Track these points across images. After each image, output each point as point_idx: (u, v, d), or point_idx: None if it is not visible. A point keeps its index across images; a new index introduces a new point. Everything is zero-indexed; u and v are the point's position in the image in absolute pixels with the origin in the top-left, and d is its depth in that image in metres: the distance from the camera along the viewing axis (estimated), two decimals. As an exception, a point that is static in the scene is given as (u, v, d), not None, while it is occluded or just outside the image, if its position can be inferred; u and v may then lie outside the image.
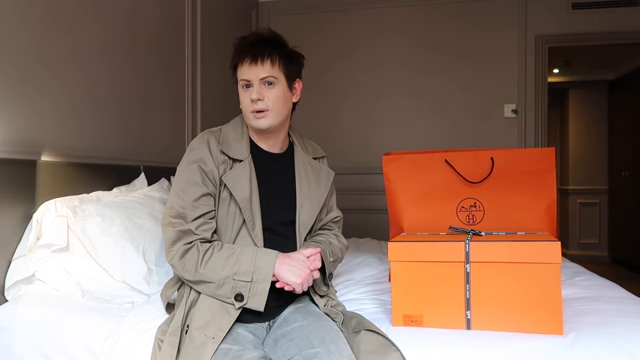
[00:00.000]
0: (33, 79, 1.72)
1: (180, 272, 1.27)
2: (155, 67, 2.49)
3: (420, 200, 1.69)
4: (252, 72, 1.32)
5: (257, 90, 1.32)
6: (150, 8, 2.44)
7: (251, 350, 1.19)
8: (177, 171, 1.35)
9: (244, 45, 1.35)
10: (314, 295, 1.40)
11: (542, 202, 1.63)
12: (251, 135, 1.41)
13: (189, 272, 1.25)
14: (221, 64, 3.22)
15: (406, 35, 3.75)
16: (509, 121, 3.61)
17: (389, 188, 1.74)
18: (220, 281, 1.23)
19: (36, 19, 1.73)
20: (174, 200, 1.30)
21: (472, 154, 1.68)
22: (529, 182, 1.64)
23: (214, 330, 1.20)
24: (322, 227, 1.53)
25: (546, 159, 1.63)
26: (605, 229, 5.81)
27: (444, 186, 1.68)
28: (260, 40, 1.34)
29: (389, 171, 1.73)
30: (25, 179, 1.65)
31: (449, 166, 1.67)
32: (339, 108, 3.82)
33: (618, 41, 3.63)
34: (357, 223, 3.62)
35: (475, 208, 1.66)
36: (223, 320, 1.22)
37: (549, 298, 1.25)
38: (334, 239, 1.49)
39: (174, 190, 1.32)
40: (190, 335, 1.21)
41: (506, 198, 1.64)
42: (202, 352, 1.16)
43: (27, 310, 1.46)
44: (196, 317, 1.24)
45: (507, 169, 1.64)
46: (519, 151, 1.68)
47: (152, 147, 2.45)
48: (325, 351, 1.14)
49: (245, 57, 1.33)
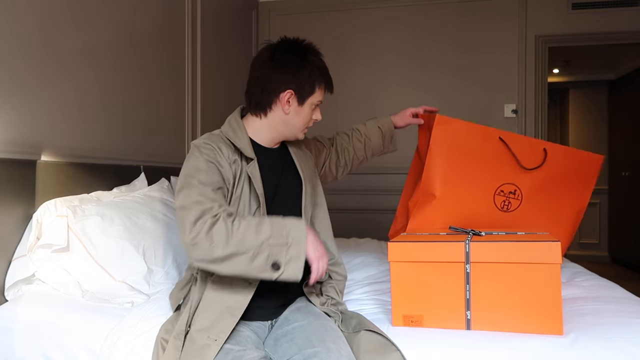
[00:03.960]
0: (33, 79, 1.72)
1: (208, 250, 1.14)
2: (155, 68, 2.49)
3: (461, 170, 1.63)
4: (322, 97, 1.42)
5: (320, 112, 1.44)
6: (150, 8, 2.44)
7: (252, 351, 1.19)
8: (189, 170, 1.28)
9: (326, 71, 1.42)
10: (309, 295, 1.40)
11: (575, 205, 1.63)
12: (250, 134, 1.42)
13: (219, 246, 1.14)
14: (221, 64, 3.22)
15: (406, 36, 3.75)
16: (509, 121, 3.60)
17: (432, 150, 1.62)
18: (255, 249, 1.15)
19: (37, 18, 1.73)
20: (193, 190, 1.22)
21: (526, 140, 1.64)
22: (571, 183, 1.63)
23: (217, 332, 1.19)
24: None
25: (593, 166, 1.62)
26: (605, 229, 5.81)
27: (492, 164, 1.62)
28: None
29: (437, 134, 1.63)
30: (25, 179, 1.65)
31: (502, 145, 1.60)
32: (338, 107, 3.82)
33: (618, 41, 3.63)
34: (357, 223, 3.62)
35: (513, 196, 1.63)
36: (226, 322, 1.22)
37: (549, 298, 1.25)
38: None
39: (191, 183, 1.24)
40: (191, 337, 1.21)
41: (546, 194, 1.62)
42: (205, 354, 1.16)
43: (27, 310, 1.46)
44: (199, 319, 1.23)
45: (556, 165, 1.61)
46: (570, 150, 1.66)
47: (152, 147, 2.45)
48: (324, 350, 1.14)
49: (329, 85, 1.43)
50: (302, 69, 1.34)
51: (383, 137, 1.77)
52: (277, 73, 1.33)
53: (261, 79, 1.35)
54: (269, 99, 1.36)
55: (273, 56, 1.35)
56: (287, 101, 1.35)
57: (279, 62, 1.34)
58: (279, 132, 1.41)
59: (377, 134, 1.77)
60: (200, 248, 1.15)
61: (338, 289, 1.46)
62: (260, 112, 1.38)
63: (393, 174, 3.63)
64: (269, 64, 1.34)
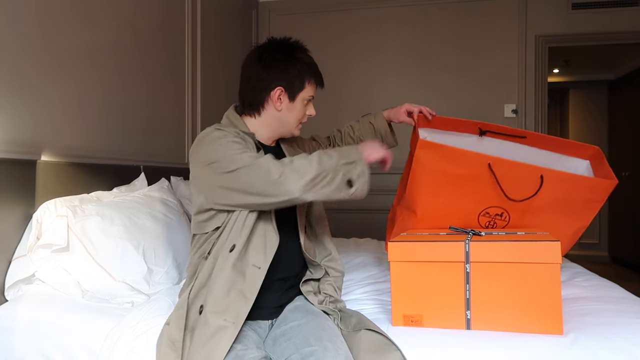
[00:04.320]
0: (33, 79, 1.72)
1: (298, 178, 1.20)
2: (156, 67, 2.49)
3: (444, 191, 1.55)
4: (313, 92, 1.45)
5: (313, 107, 1.46)
6: (150, 8, 2.44)
7: (253, 350, 1.19)
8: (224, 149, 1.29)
9: (315, 67, 1.43)
10: (307, 295, 1.40)
11: (572, 227, 1.53)
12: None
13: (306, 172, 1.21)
14: (221, 64, 3.22)
15: (406, 36, 3.75)
16: (509, 121, 3.60)
17: (415, 168, 1.55)
18: (334, 171, 1.23)
19: (38, 17, 1.73)
20: (245, 154, 1.26)
21: (521, 167, 1.50)
22: (570, 208, 1.51)
23: (233, 316, 1.21)
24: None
25: (601, 192, 1.49)
26: (605, 229, 5.81)
27: (478, 189, 1.52)
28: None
29: (421, 156, 1.53)
30: (25, 179, 1.65)
31: (490, 171, 1.49)
32: (338, 107, 3.82)
33: (618, 41, 3.63)
34: (357, 223, 3.62)
35: (500, 217, 1.55)
36: (240, 305, 1.23)
37: (549, 298, 1.25)
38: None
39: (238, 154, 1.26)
40: (205, 318, 1.21)
41: (538, 217, 1.52)
42: (222, 337, 1.17)
43: (27, 310, 1.46)
44: (211, 300, 1.24)
45: (554, 192, 1.48)
46: (575, 178, 1.50)
47: (152, 147, 2.45)
48: (321, 349, 1.14)
49: (319, 79, 1.45)
50: (290, 66, 1.38)
51: (375, 133, 1.76)
52: (266, 72, 1.37)
53: (252, 79, 1.39)
54: (260, 98, 1.40)
55: (261, 56, 1.39)
56: (279, 98, 1.38)
57: (267, 61, 1.37)
58: (274, 129, 1.44)
59: (369, 130, 1.77)
60: (291, 179, 1.21)
61: (336, 286, 1.45)
62: (254, 111, 1.42)
63: (393, 174, 3.62)
64: (258, 64, 1.38)
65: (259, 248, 1.30)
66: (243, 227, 1.28)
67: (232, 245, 1.27)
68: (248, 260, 1.28)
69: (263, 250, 1.30)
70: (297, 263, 1.43)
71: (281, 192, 1.21)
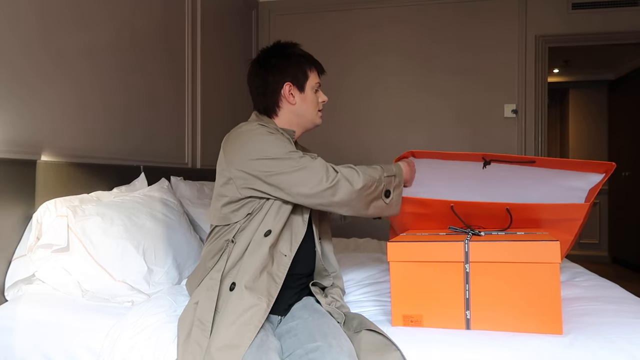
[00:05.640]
0: (33, 78, 1.72)
1: (349, 186, 1.34)
2: (156, 68, 2.49)
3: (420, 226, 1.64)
4: (318, 79, 1.53)
5: (323, 93, 1.54)
6: (149, 8, 2.44)
7: (272, 338, 1.24)
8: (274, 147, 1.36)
9: (310, 56, 1.52)
10: (317, 295, 1.44)
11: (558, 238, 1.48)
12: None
13: (355, 181, 1.34)
14: (221, 64, 3.22)
15: (406, 36, 3.75)
16: (509, 121, 3.61)
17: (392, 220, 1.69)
18: (377, 182, 1.39)
19: (37, 18, 1.73)
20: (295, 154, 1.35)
21: (485, 206, 1.52)
22: (550, 226, 1.51)
23: (266, 295, 1.28)
24: None
25: (577, 211, 1.49)
26: (605, 229, 5.81)
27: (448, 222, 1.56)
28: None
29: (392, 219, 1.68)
30: (25, 179, 1.65)
31: (454, 214, 1.55)
32: (338, 108, 3.82)
33: (618, 41, 3.63)
34: (357, 223, 3.61)
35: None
36: (271, 286, 1.31)
37: (548, 298, 1.25)
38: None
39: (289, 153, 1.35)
40: (239, 294, 1.26)
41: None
42: (255, 313, 1.22)
43: (27, 310, 1.46)
44: (246, 277, 1.28)
45: (527, 219, 1.51)
46: (541, 206, 1.50)
47: (152, 148, 2.45)
48: (326, 345, 1.16)
49: (319, 66, 1.53)
50: (288, 62, 1.47)
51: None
52: (270, 75, 1.46)
53: (260, 87, 1.48)
54: (274, 100, 1.48)
55: (260, 65, 1.48)
56: (290, 93, 1.47)
57: (267, 66, 1.47)
58: (296, 124, 1.52)
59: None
60: (342, 186, 1.34)
61: (341, 296, 1.51)
62: (273, 114, 1.50)
63: (393, 174, 3.62)
64: (260, 71, 1.48)
65: (287, 238, 1.39)
66: (277, 214, 1.36)
67: (267, 230, 1.34)
68: (277, 247, 1.37)
69: (289, 240, 1.39)
70: (311, 264, 1.49)
71: (331, 197, 1.33)
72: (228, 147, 1.39)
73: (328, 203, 1.34)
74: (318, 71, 1.52)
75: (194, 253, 1.87)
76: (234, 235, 1.37)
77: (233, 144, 1.38)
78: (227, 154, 1.39)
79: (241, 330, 1.19)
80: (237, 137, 1.39)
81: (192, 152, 2.87)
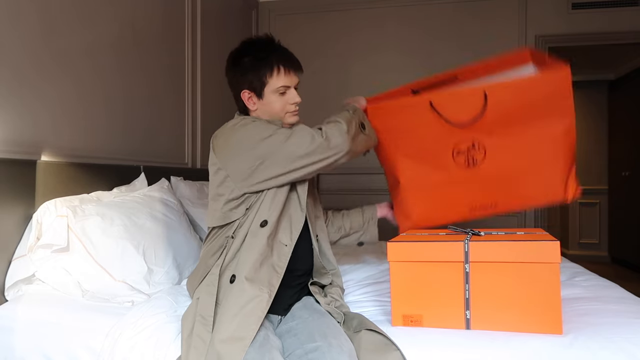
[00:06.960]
0: (33, 78, 1.72)
1: (339, 132, 1.38)
2: (156, 68, 2.49)
3: (412, 150, 1.58)
4: (283, 82, 1.45)
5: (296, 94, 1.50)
6: (150, 8, 2.44)
7: (273, 336, 1.24)
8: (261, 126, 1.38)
9: (278, 56, 1.44)
10: (316, 295, 1.44)
11: (557, 127, 1.44)
12: None
13: (341, 128, 1.39)
14: (222, 64, 3.22)
15: (406, 36, 3.75)
16: (509, 121, 3.60)
17: (380, 139, 1.60)
18: (353, 121, 1.45)
19: (39, 17, 1.73)
20: (280, 129, 1.38)
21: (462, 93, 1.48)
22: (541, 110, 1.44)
23: (267, 286, 1.27)
24: None
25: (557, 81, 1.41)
26: (605, 229, 5.81)
27: (434, 131, 1.51)
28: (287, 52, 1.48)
29: (377, 124, 1.58)
30: (25, 179, 1.65)
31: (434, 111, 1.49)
32: (339, 108, 3.82)
33: (618, 41, 3.63)
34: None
35: (474, 149, 1.51)
36: (273, 276, 1.30)
37: (548, 297, 1.25)
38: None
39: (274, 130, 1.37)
40: (240, 286, 1.25)
41: (513, 130, 1.46)
42: (256, 305, 1.22)
43: (27, 310, 1.46)
44: (245, 269, 1.28)
45: (510, 103, 1.45)
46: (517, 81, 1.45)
47: (152, 147, 2.45)
48: (326, 345, 1.16)
49: (284, 66, 1.44)
50: (247, 66, 1.43)
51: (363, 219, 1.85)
52: (234, 77, 1.47)
53: (229, 86, 1.51)
54: (240, 103, 1.50)
55: (229, 63, 1.51)
56: (249, 99, 1.46)
57: (232, 67, 1.48)
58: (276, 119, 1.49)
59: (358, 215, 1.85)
60: (334, 135, 1.38)
61: (340, 295, 1.50)
62: (248, 110, 1.50)
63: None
64: (229, 71, 1.51)
65: (286, 227, 1.38)
66: (272, 203, 1.35)
67: (262, 220, 1.33)
68: (277, 237, 1.37)
69: (289, 229, 1.39)
70: (309, 261, 1.48)
71: (332, 149, 1.36)
72: (218, 147, 1.39)
73: (326, 155, 1.36)
74: (292, 71, 1.44)
75: (194, 253, 1.87)
76: (234, 232, 1.37)
77: (222, 142, 1.39)
78: (218, 153, 1.39)
79: (244, 322, 1.19)
80: (223, 134, 1.41)
81: (192, 152, 2.87)
